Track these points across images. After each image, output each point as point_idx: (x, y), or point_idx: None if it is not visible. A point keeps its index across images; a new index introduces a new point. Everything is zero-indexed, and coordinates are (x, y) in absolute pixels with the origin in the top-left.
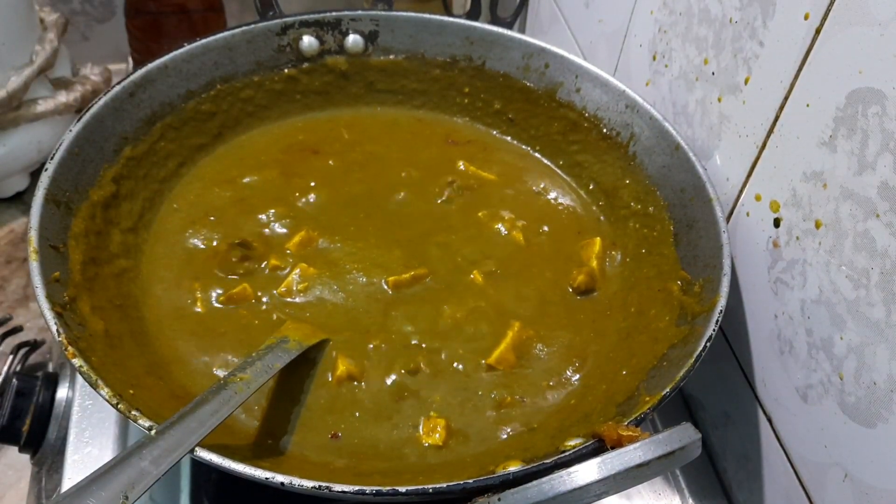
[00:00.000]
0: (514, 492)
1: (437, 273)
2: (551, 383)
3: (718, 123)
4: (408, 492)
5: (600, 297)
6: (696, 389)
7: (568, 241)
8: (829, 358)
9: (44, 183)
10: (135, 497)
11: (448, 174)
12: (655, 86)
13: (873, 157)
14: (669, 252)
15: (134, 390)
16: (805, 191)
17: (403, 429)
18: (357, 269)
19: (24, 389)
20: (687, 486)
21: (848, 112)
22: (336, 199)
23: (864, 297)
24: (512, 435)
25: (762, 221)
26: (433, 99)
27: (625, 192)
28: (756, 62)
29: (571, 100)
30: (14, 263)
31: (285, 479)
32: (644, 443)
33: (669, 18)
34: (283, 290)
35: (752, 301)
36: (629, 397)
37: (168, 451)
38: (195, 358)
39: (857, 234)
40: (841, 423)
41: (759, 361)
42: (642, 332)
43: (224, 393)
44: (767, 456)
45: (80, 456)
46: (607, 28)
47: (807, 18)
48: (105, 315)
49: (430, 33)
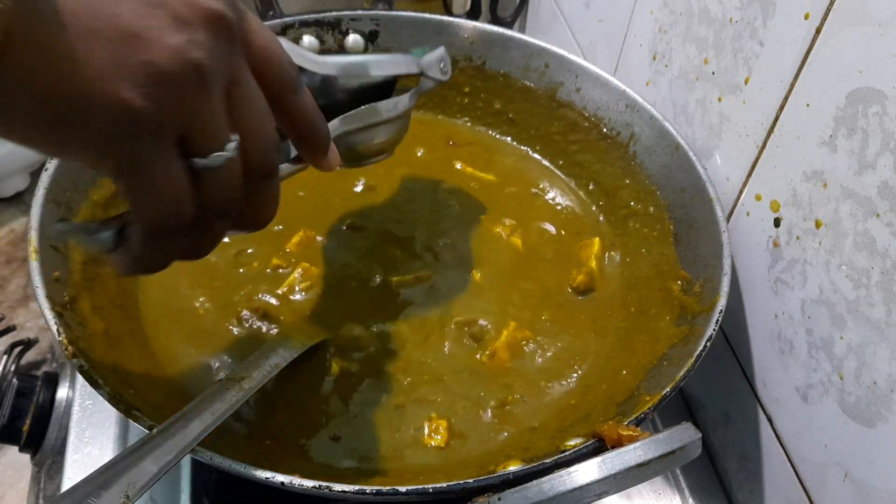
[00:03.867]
0: (514, 491)
1: (437, 273)
2: (551, 383)
3: (718, 123)
4: (408, 492)
5: (600, 297)
6: (696, 389)
7: (567, 242)
8: (830, 357)
9: (44, 183)
10: (135, 497)
11: (448, 175)
12: (655, 86)
13: (873, 157)
14: (669, 252)
15: (134, 390)
16: (805, 190)
17: (405, 430)
18: (359, 269)
19: (24, 389)
20: (687, 485)
21: (848, 112)
22: (335, 199)
23: (864, 296)
24: (512, 435)
25: (762, 221)
26: (433, 99)
27: (625, 192)
28: (756, 62)
29: (571, 100)
30: (14, 263)
31: (285, 479)
32: (644, 442)
33: (669, 18)
34: (286, 289)
35: (753, 301)
36: (629, 397)
37: (168, 450)
38: (195, 358)
39: (857, 234)
40: (841, 422)
41: (759, 361)
42: (642, 331)
43: (225, 392)
44: (767, 456)
45: (80, 456)
46: (607, 28)
47: (807, 18)
48: (105, 315)
49: (430, 33)
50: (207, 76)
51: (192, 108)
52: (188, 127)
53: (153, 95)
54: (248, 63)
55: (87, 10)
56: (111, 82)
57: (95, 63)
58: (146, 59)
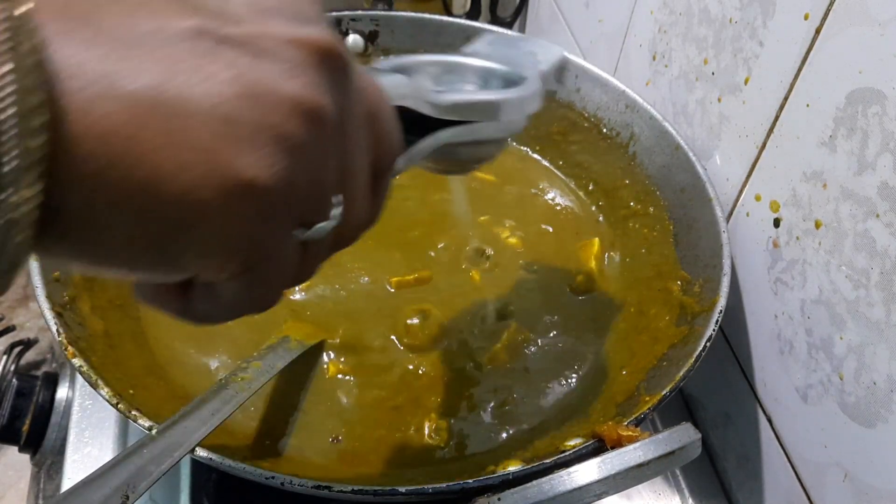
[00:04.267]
0: (514, 492)
1: (437, 274)
2: (551, 383)
3: (718, 123)
4: (408, 492)
5: (600, 297)
6: (696, 389)
7: (567, 242)
8: (829, 358)
9: None
10: (135, 497)
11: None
12: (655, 86)
13: (873, 157)
14: (669, 252)
15: (134, 390)
16: (805, 191)
17: (405, 430)
18: (358, 269)
19: (24, 389)
20: (687, 486)
21: (848, 112)
22: None
23: (864, 297)
24: (512, 435)
25: (762, 221)
26: None
27: (625, 192)
28: (756, 62)
29: (571, 100)
30: None
31: (285, 479)
32: (644, 443)
33: (669, 18)
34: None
35: (752, 301)
36: (629, 397)
37: (168, 450)
38: (195, 358)
39: (856, 234)
40: (841, 423)
41: (759, 361)
42: (642, 332)
43: (225, 392)
44: (767, 456)
45: (80, 456)
46: (607, 28)
47: (807, 18)
48: (105, 315)
49: (430, 33)
50: (330, 128)
51: (317, 171)
52: (308, 197)
53: (279, 164)
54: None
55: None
56: (223, 158)
57: (194, 143)
58: (260, 119)
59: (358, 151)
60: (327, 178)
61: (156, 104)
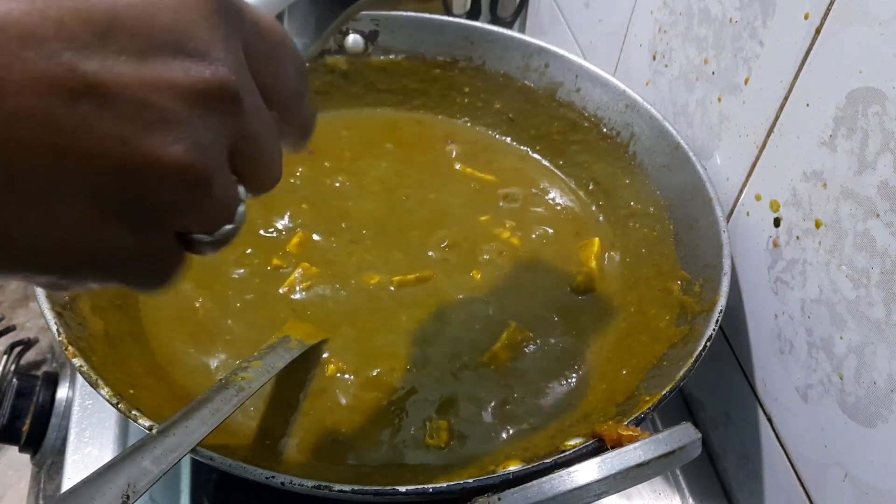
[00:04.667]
0: (514, 491)
1: (437, 274)
2: (551, 383)
3: (718, 123)
4: (408, 492)
5: (600, 297)
6: (696, 389)
7: (567, 242)
8: (829, 357)
9: None
10: (135, 497)
11: (448, 175)
12: (655, 86)
13: (873, 157)
14: (669, 252)
15: (134, 390)
16: (805, 190)
17: (405, 430)
18: (359, 269)
19: (24, 389)
20: (687, 486)
21: (848, 112)
22: (333, 201)
23: (864, 296)
24: (512, 435)
25: (762, 221)
26: (433, 99)
27: (625, 192)
28: (756, 62)
29: (571, 100)
30: None
31: (285, 479)
32: (644, 442)
33: (669, 18)
34: (286, 289)
35: (752, 301)
36: (629, 397)
37: (169, 450)
38: (195, 358)
39: (857, 234)
40: (841, 422)
41: (759, 361)
42: (642, 331)
43: (225, 392)
44: (767, 456)
45: (80, 456)
46: (607, 28)
47: (807, 18)
48: (105, 315)
49: (430, 33)
50: (207, 173)
51: (193, 207)
52: (191, 223)
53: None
54: (254, 80)
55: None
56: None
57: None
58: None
59: (256, 143)
60: (209, 205)
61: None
